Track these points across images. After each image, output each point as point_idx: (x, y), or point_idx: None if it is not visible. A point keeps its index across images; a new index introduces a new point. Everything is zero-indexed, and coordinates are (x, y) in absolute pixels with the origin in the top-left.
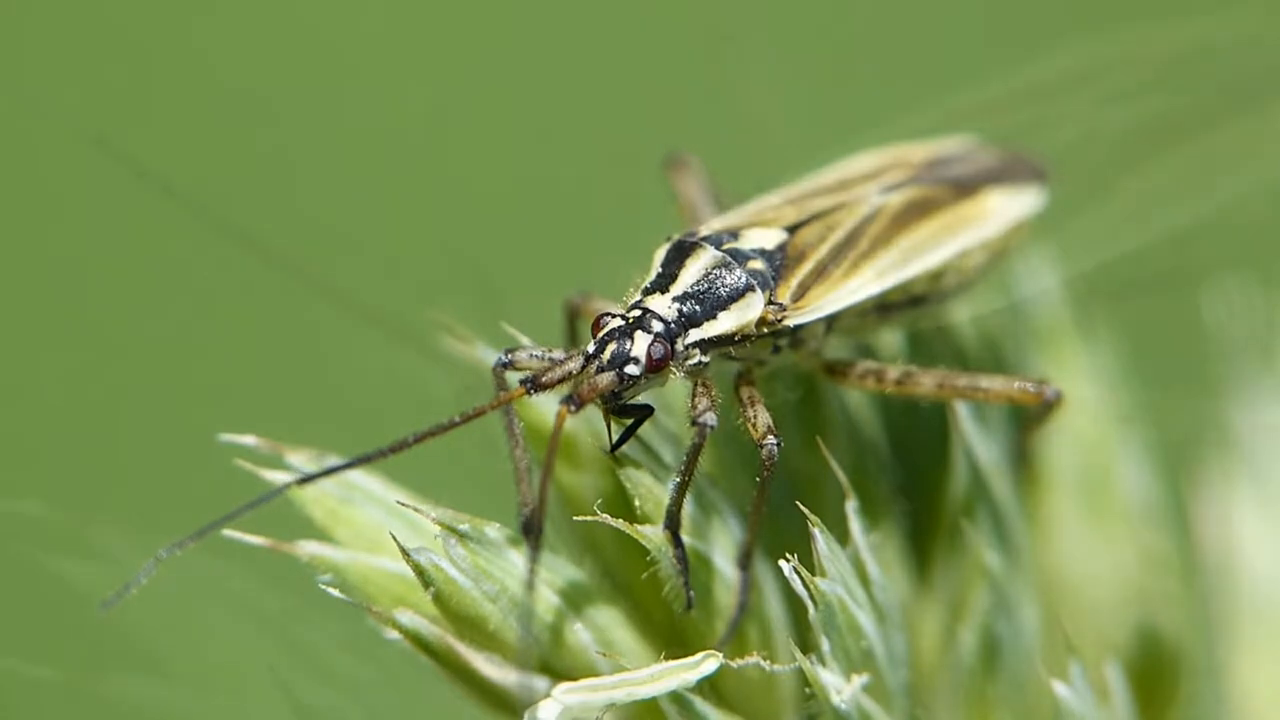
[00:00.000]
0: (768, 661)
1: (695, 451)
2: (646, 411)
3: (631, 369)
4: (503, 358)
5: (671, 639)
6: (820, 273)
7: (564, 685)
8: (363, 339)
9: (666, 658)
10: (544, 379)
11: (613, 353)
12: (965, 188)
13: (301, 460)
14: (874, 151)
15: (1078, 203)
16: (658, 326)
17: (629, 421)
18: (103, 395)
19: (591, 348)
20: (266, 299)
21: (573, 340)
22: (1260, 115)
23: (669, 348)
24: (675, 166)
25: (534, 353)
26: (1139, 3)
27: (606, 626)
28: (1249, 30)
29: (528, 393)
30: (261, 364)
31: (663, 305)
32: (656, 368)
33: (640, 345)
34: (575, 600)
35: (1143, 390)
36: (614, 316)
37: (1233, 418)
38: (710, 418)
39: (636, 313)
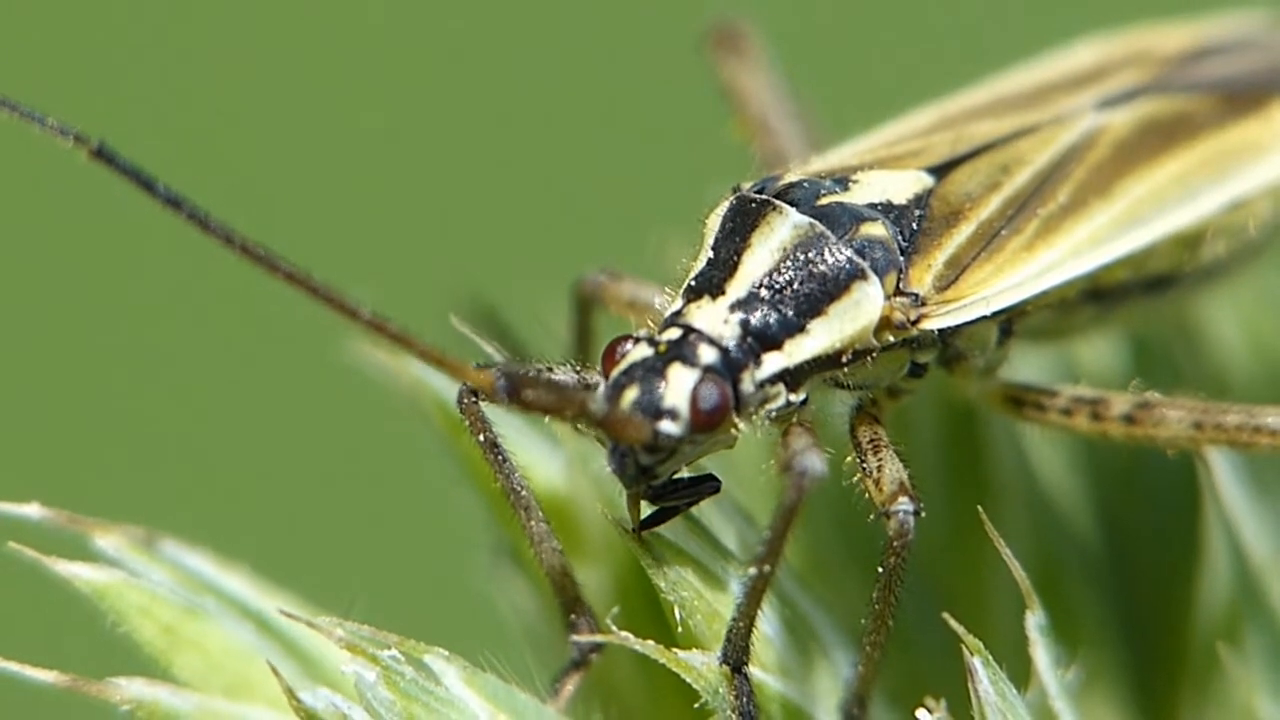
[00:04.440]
0: None
1: (785, 521)
2: (703, 490)
3: (668, 426)
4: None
5: None
6: (987, 242)
7: None
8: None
9: None
10: (527, 384)
11: (634, 400)
12: (1245, 97)
13: (112, 544)
14: (1094, 41)
15: None
16: (708, 356)
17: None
18: (100, 396)
19: (603, 392)
20: (266, 298)
21: (585, 345)
22: None
23: (728, 389)
24: (725, 45)
25: (523, 371)
26: None
27: None
28: None
29: (497, 394)
30: (260, 364)
31: (714, 318)
32: (710, 422)
33: (679, 387)
34: None
35: None
36: (637, 341)
37: None
38: (813, 461)
39: (673, 333)
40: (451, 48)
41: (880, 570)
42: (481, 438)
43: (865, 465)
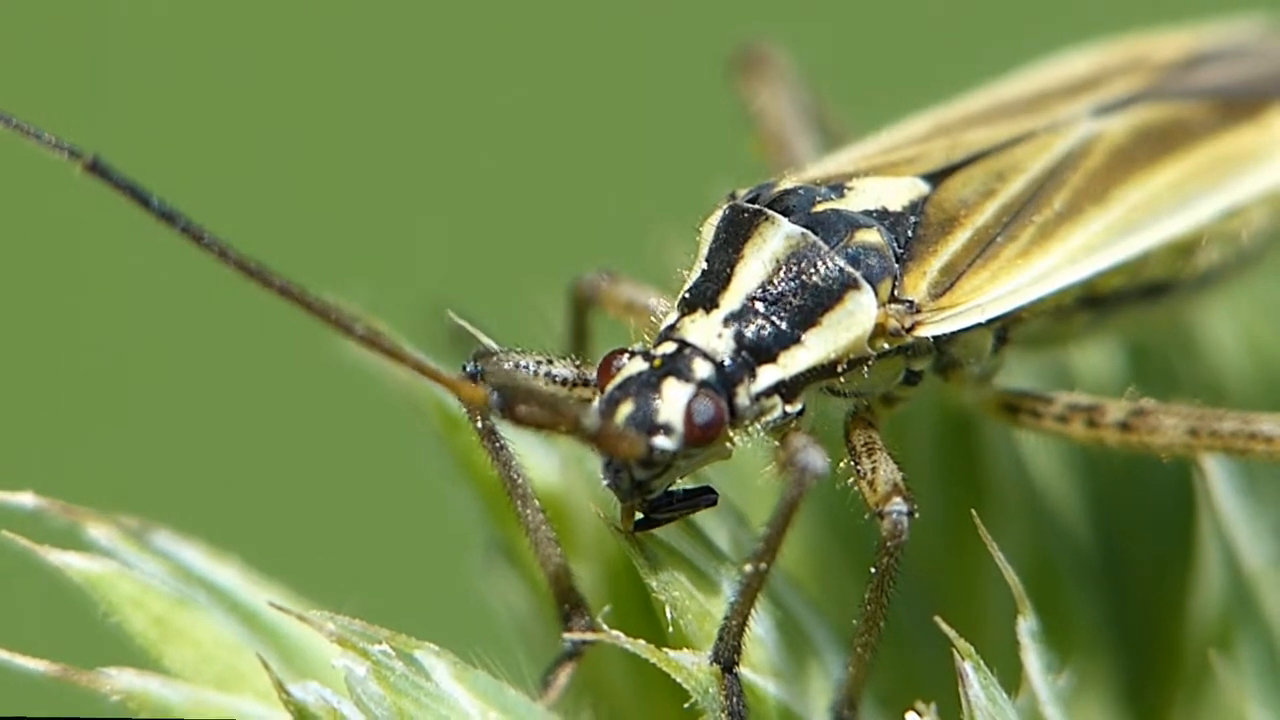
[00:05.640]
0: None
1: (785, 518)
2: (699, 503)
3: (662, 441)
4: (471, 367)
5: None
6: (983, 249)
7: None
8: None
9: None
10: (521, 399)
11: (628, 416)
12: (1241, 104)
13: (105, 535)
14: (1089, 49)
15: None
16: (703, 370)
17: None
18: (96, 388)
19: (598, 407)
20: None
21: (581, 345)
22: None
23: (723, 403)
24: (751, 67)
25: (521, 363)
26: None
27: None
28: None
29: (492, 409)
30: (254, 358)
31: (708, 332)
32: (705, 436)
33: (674, 402)
34: None
35: None
36: (632, 355)
37: None
38: (814, 457)
39: (668, 347)
40: (456, 47)
41: (873, 571)
42: (479, 425)
43: (860, 468)
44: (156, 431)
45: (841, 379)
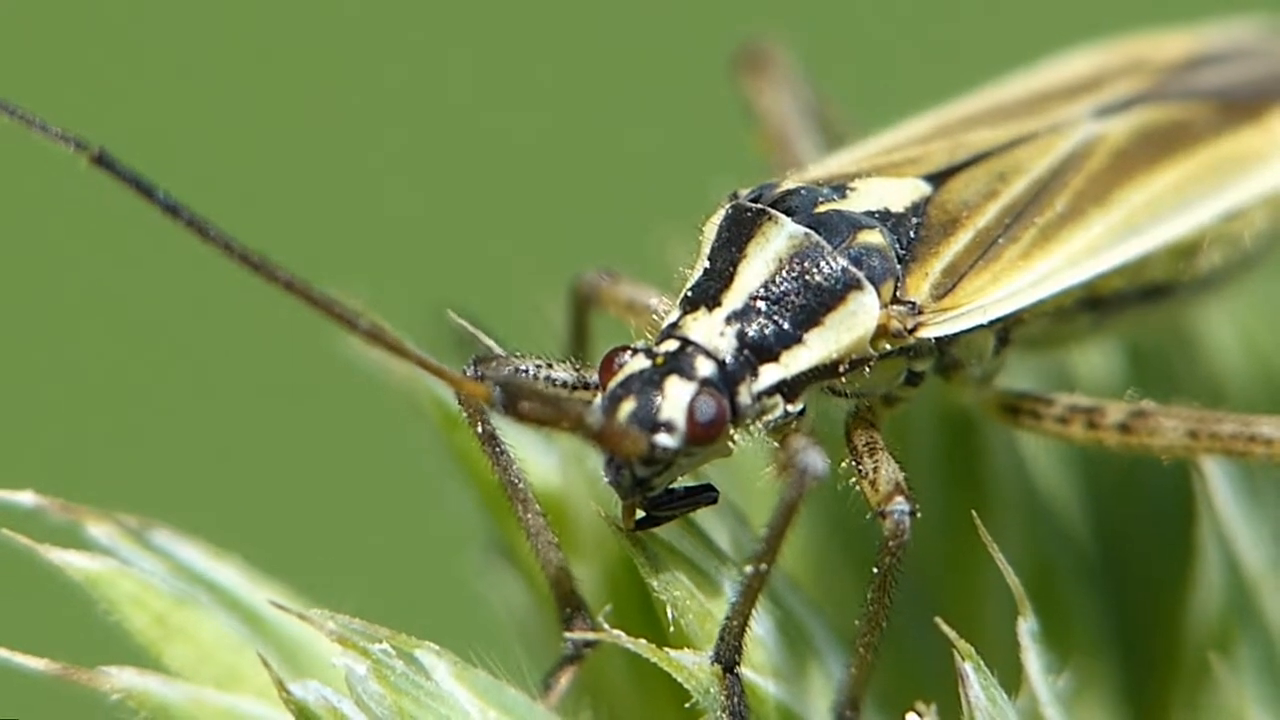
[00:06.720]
0: None
1: (785, 519)
2: (700, 500)
3: (664, 438)
4: (472, 371)
5: None
6: (985, 250)
7: None
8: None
9: None
10: (524, 396)
11: (631, 413)
12: (1242, 106)
13: (105, 533)
14: (1090, 49)
15: None
16: (705, 368)
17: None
18: (96, 387)
19: (600, 404)
20: (262, 289)
21: (581, 344)
22: None
23: (725, 401)
24: (753, 67)
25: (521, 367)
26: None
27: None
28: None
29: (494, 406)
30: (255, 356)
31: (711, 330)
32: (706, 435)
33: (676, 400)
34: None
35: None
36: (634, 353)
37: None
38: (814, 459)
39: (670, 344)
40: (459, 46)
41: (875, 571)
42: (479, 429)
43: (861, 467)
44: (156, 429)
45: (843, 379)
